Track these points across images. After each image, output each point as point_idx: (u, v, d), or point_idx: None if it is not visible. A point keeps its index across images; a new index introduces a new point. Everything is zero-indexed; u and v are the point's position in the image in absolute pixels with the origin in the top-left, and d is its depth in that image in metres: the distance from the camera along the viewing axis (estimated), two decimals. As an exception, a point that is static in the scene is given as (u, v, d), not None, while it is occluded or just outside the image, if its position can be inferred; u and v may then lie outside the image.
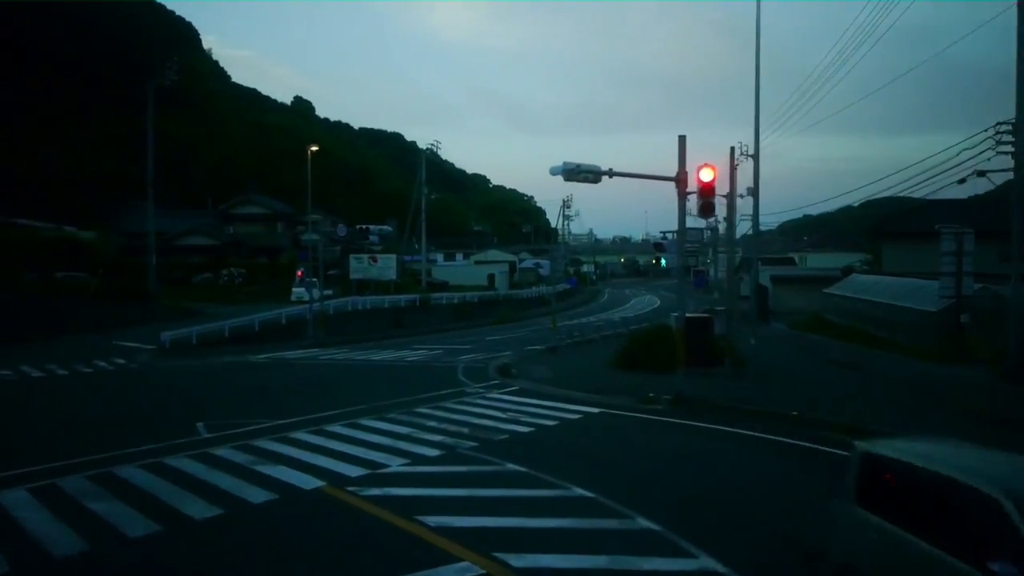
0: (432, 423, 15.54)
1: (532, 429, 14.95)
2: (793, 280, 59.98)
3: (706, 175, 17.23)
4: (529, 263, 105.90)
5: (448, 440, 13.89)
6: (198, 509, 9.73)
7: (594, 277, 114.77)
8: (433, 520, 9.01)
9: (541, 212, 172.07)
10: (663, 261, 30.09)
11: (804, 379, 22.52)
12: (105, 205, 76.96)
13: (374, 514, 9.48)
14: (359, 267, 51.15)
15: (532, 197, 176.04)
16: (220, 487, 10.74)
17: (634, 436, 14.74)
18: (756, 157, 29.90)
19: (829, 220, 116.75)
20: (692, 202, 17.84)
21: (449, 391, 20.02)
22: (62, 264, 47.21)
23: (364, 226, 47.43)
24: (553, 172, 15.81)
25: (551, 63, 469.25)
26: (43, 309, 36.08)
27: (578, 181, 15.96)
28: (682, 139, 17.96)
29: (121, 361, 27.76)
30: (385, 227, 49.76)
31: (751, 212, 31.80)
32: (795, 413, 15.78)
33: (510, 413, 16.64)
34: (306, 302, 37.88)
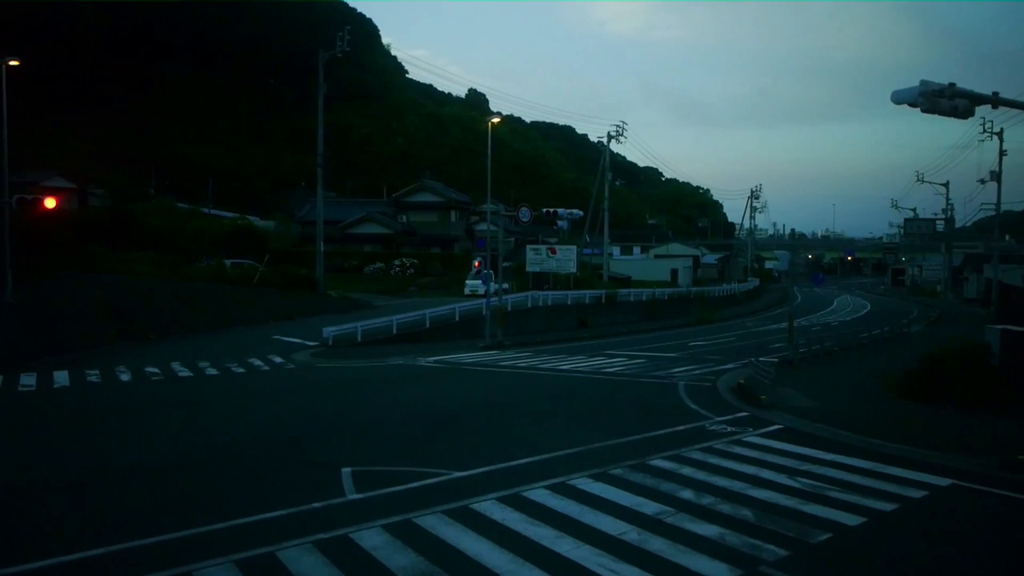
0: (687, 494, 9.95)
1: (863, 520, 9.00)
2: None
3: None
4: (710, 259, 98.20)
5: (732, 539, 8.25)
6: None
7: (777, 274, 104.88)
8: None
9: (718, 206, 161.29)
10: None
11: None
12: (288, 195, 78.00)
13: None
14: (536, 259, 46.38)
15: (708, 190, 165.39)
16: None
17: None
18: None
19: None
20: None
21: (684, 427, 14.33)
22: (237, 251, 46.00)
23: (551, 209, 42.33)
24: (897, 99, 9.71)
25: (721, 54, 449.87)
26: (209, 298, 33.99)
27: (941, 114, 9.68)
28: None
29: (278, 360, 24.32)
30: (575, 211, 44.48)
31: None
32: None
33: (800, 479, 10.72)
34: (481, 296, 33.38)
